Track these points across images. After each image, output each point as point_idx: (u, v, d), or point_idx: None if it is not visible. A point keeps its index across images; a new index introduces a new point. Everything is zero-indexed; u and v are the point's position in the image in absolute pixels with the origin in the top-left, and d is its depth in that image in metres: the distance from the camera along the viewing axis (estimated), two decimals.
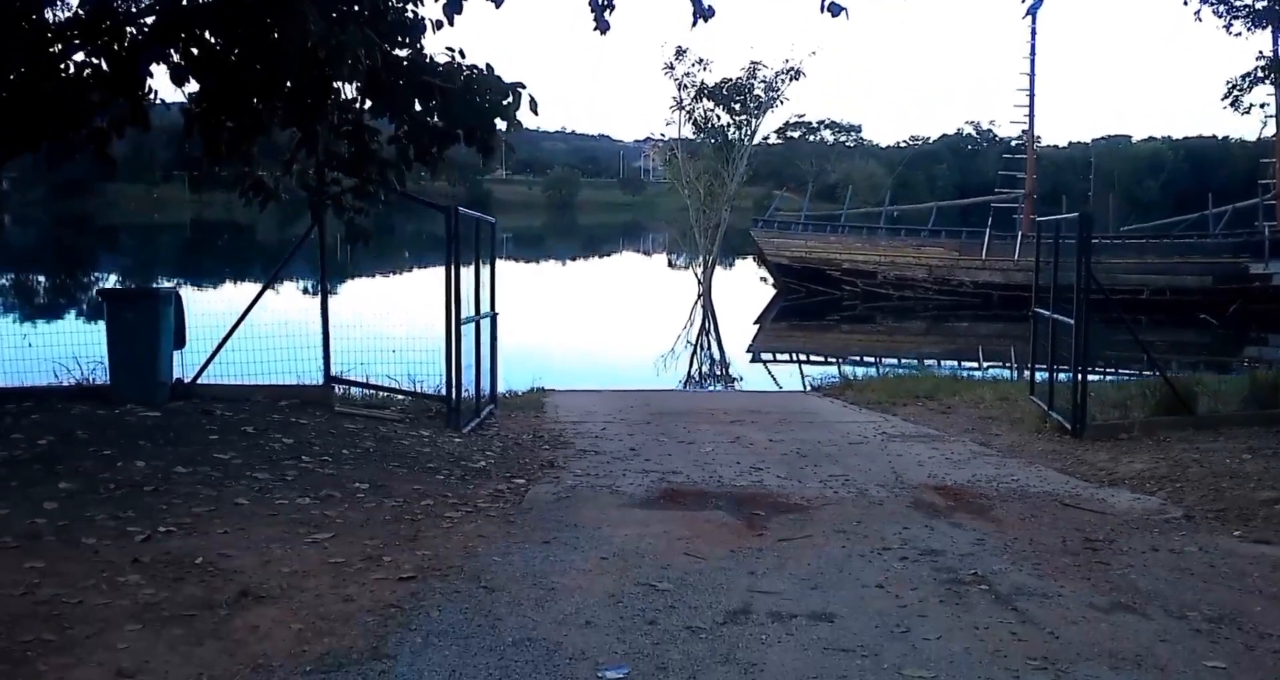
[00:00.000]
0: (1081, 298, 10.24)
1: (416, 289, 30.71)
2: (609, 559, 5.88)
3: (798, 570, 5.67)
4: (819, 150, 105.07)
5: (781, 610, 5.03)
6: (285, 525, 6.38)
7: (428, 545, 6.11)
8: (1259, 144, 55.40)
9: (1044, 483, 8.12)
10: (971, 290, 34.93)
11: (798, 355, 27.09)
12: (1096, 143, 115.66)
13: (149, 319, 10.03)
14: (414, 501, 7.13)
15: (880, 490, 7.78)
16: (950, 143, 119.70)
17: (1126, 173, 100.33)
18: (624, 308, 34.73)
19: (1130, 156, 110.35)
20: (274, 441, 8.57)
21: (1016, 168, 40.71)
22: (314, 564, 5.68)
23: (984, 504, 7.29)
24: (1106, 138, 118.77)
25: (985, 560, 5.85)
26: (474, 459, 8.83)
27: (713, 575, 5.58)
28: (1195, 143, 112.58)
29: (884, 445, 10.04)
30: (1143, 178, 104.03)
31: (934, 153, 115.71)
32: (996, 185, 41.52)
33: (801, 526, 6.63)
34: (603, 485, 7.93)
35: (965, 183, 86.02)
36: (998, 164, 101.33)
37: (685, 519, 6.82)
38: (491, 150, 8.90)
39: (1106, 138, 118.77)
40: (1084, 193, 69.87)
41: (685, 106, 36.10)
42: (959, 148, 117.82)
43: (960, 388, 14.40)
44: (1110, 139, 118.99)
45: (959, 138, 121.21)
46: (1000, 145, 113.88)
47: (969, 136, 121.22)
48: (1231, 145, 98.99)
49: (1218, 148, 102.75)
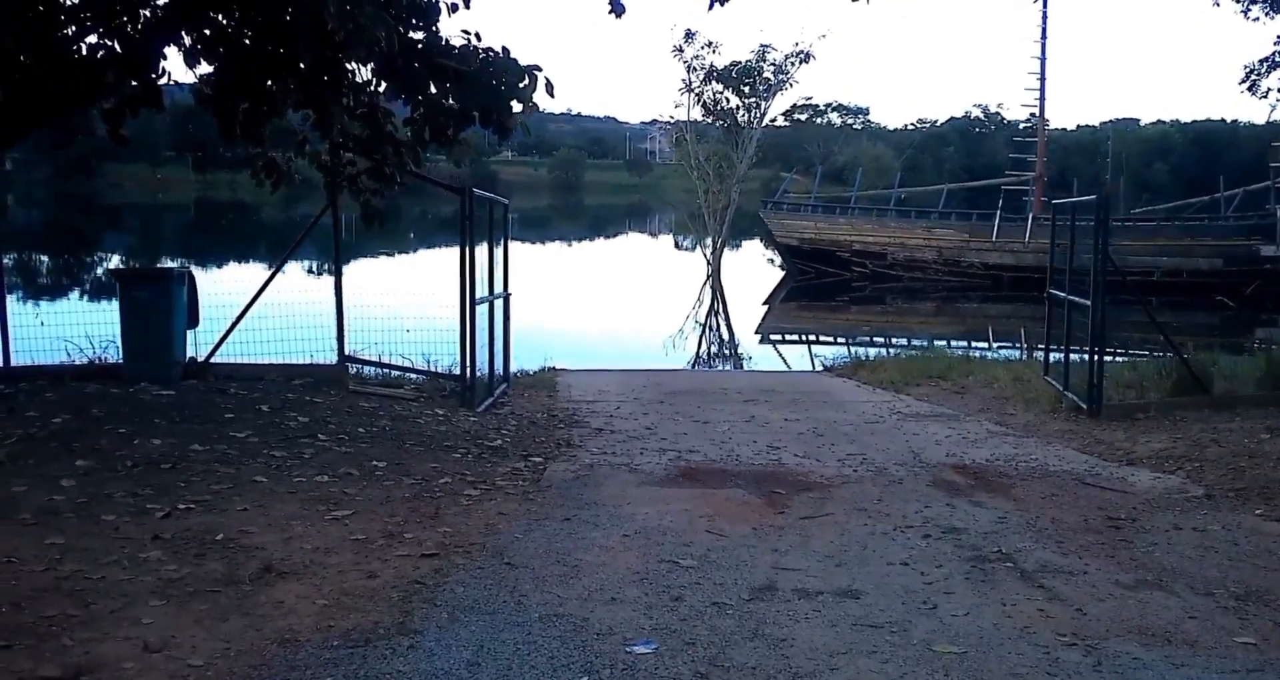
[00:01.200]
0: (1099, 279, 10.17)
1: (424, 270, 30.75)
2: (631, 536, 5.86)
3: (821, 548, 5.64)
4: (826, 133, 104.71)
5: (807, 587, 5.00)
6: (305, 503, 6.36)
7: (449, 522, 6.09)
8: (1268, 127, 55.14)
9: (1063, 462, 8.08)
10: (981, 272, 34.84)
11: (807, 336, 27.02)
12: (1105, 126, 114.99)
13: (162, 298, 10.01)
14: (432, 480, 7.11)
15: (899, 469, 7.75)
16: (958, 126, 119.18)
17: (1135, 156, 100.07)
18: (633, 289, 34.66)
19: (1139, 139, 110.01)
20: (289, 420, 8.56)
21: (1027, 150, 40.49)
22: (336, 540, 5.66)
23: (1004, 482, 7.26)
24: (1115, 121, 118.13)
25: (1009, 538, 5.82)
26: (490, 438, 8.81)
27: (736, 552, 5.55)
28: (1204, 126, 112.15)
29: (900, 424, 10.01)
30: (1151, 160, 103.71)
31: (941, 136, 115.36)
32: (1005, 168, 41.33)
33: (822, 504, 6.60)
34: (621, 464, 7.91)
35: (973, 166, 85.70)
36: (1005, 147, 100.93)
37: (705, 497, 6.79)
38: (508, 132, 8.84)
39: (1115, 121, 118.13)
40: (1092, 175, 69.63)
41: (694, 89, 35.94)
42: (967, 131, 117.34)
43: (973, 368, 14.35)
44: (1119, 122, 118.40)
45: (967, 121, 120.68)
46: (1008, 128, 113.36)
47: (977, 119, 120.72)
48: (1241, 129, 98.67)
49: (1227, 131, 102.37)
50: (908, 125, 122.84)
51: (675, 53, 35.86)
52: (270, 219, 56.07)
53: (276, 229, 48.79)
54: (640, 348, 21.50)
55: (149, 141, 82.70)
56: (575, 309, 25.99)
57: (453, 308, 10.27)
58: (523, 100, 8.31)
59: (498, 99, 8.37)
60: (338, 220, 10.20)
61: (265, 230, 52.56)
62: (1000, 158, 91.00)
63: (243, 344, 10.65)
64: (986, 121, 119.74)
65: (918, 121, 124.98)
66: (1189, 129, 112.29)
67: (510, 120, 8.61)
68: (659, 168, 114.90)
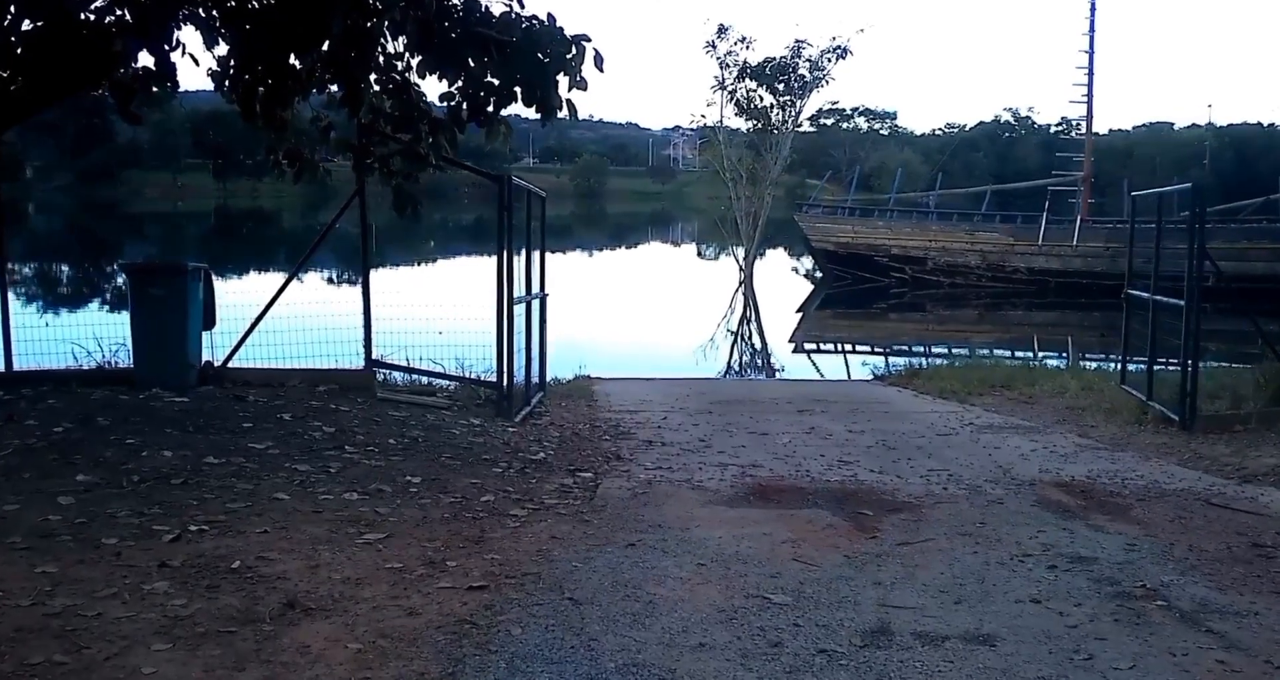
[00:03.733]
0: (1194, 278, 9.34)
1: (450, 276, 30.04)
2: (707, 565, 5.07)
3: (931, 580, 4.84)
4: (853, 138, 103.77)
5: (928, 630, 4.21)
6: (332, 524, 5.62)
7: (495, 548, 5.33)
8: None
9: (1174, 479, 7.24)
10: (1026, 277, 33.67)
11: (843, 345, 26.13)
12: (1138, 130, 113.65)
13: (176, 296, 9.32)
14: (473, 497, 6.35)
15: (993, 487, 6.93)
16: (987, 130, 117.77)
17: (1169, 160, 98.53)
18: (662, 297, 33.83)
19: (1173, 144, 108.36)
20: (313, 430, 7.82)
21: (1072, 149, 39.36)
22: (368, 569, 4.91)
23: (1119, 503, 6.43)
24: (1148, 125, 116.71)
25: (1148, 570, 5.00)
26: (532, 450, 8.05)
27: (833, 585, 4.76)
28: (1240, 130, 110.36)
29: (976, 437, 9.19)
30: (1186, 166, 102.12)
31: (971, 141, 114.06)
32: (1036, 172, 40.25)
33: (918, 528, 5.79)
34: (680, 480, 7.13)
35: (1003, 171, 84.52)
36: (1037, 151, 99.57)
37: (783, 519, 6.00)
38: (552, 111, 8.05)
39: (1148, 125, 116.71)
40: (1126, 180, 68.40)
41: (727, 86, 34.95)
42: (996, 136, 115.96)
43: (1038, 377, 13.48)
44: (1152, 126, 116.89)
45: (996, 125, 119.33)
46: (1039, 132, 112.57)
47: (1007, 124, 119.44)
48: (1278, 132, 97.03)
49: (1263, 135, 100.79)
50: (935, 130, 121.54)
51: (708, 49, 34.84)
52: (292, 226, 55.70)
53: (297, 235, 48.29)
54: (673, 356, 20.76)
55: (170, 148, 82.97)
56: (605, 317, 25.22)
57: (482, 314, 9.56)
58: (570, 74, 7.55)
59: (542, 73, 7.61)
60: (364, 206, 9.41)
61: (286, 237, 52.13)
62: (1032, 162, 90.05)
63: (263, 348, 9.95)
64: (1017, 125, 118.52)
65: (946, 126, 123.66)
66: (1224, 133, 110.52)
67: (554, 97, 7.85)
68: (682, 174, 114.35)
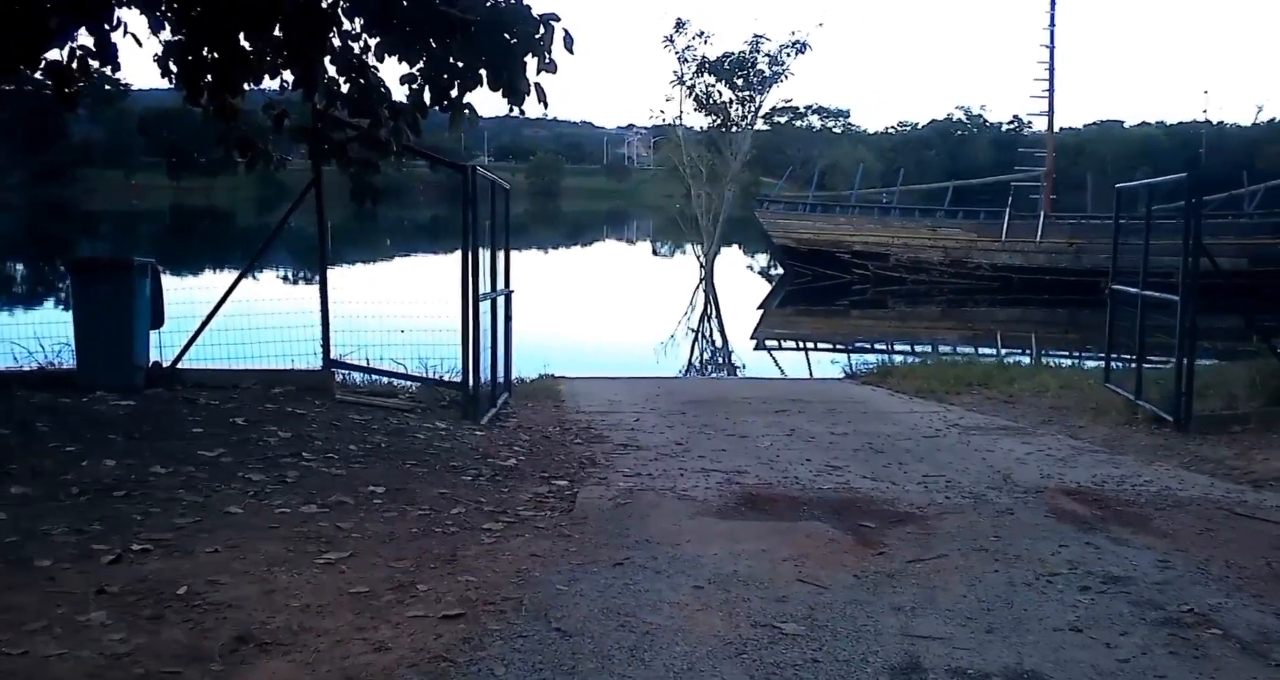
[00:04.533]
0: (1190, 271, 9.04)
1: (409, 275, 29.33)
2: (705, 588, 4.62)
3: (955, 604, 4.42)
4: (806, 136, 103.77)
5: (963, 666, 3.78)
6: (290, 541, 5.11)
7: (470, 568, 4.85)
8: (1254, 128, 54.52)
9: (1186, 486, 6.89)
10: (990, 273, 33.52)
11: (805, 343, 25.80)
12: (1089, 127, 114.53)
13: (122, 293, 8.74)
14: (443, 509, 5.87)
15: (997, 495, 6.54)
16: (940, 128, 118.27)
17: (1119, 157, 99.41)
18: (624, 294, 33.36)
19: (1122, 141, 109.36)
20: (269, 435, 7.28)
21: (1028, 146, 39.38)
22: (331, 595, 4.41)
23: (1137, 513, 6.05)
24: (1098, 123, 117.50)
25: (1190, 591, 4.61)
26: (502, 456, 7.57)
27: (847, 611, 4.33)
28: (1188, 128, 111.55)
29: (964, 439, 8.83)
30: (1136, 162, 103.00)
31: (924, 138, 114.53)
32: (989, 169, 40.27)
33: (928, 543, 5.38)
34: (663, 488, 6.68)
35: (955, 168, 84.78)
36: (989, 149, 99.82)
37: (780, 532, 5.56)
38: (519, 94, 7.54)
39: (1098, 123, 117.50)
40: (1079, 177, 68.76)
41: (686, 81, 34.60)
42: (949, 133, 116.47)
43: (1016, 375, 13.19)
44: (1102, 124, 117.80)
45: (949, 123, 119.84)
46: (991, 130, 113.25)
47: (959, 122, 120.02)
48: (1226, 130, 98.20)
49: (1212, 133, 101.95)
50: (888, 128, 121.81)
51: (666, 44, 34.54)
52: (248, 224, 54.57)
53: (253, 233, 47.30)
54: (635, 354, 20.38)
55: (124, 147, 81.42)
56: (566, 315, 24.70)
57: (444, 311, 9.06)
58: (538, 53, 7.06)
59: (508, 55, 7.13)
60: (321, 198, 8.85)
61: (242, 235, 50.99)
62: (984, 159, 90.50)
63: (217, 347, 9.38)
64: (969, 123, 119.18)
65: (899, 124, 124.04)
66: (1174, 131, 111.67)
67: (521, 80, 7.36)
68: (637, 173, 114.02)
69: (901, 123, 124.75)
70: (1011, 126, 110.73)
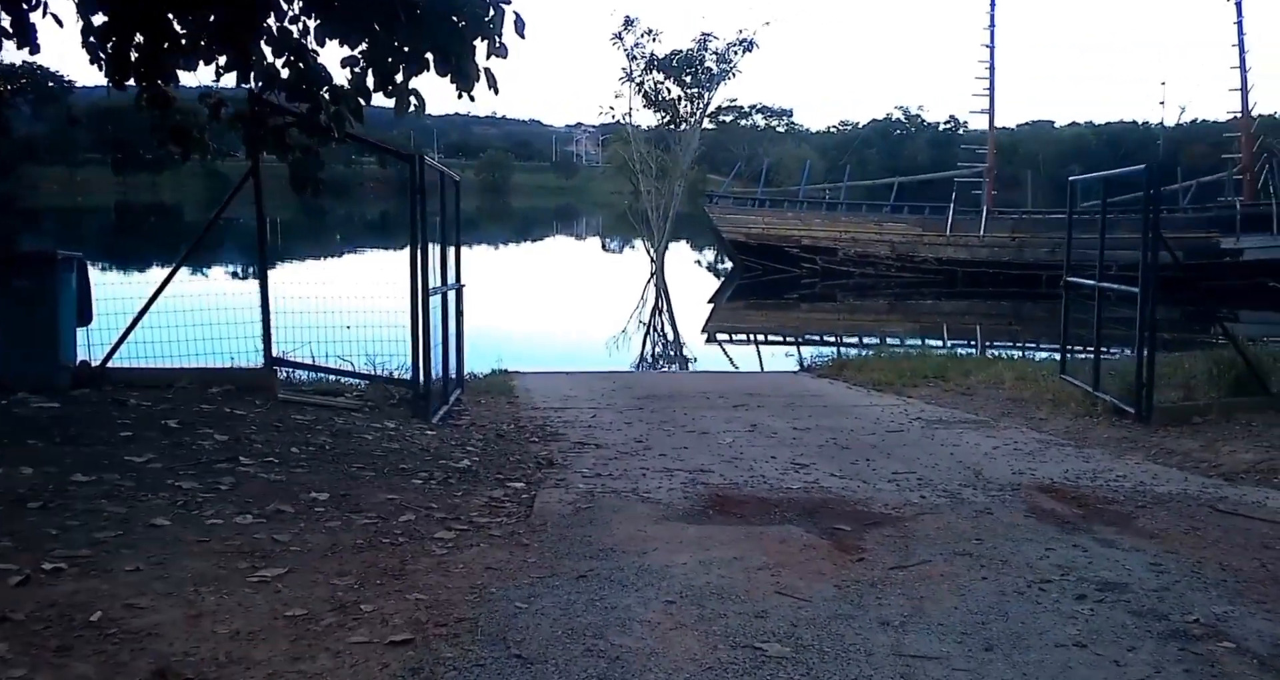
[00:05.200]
0: (1150, 263, 8.86)
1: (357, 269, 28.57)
2: (677, 602, 4.27)
3: (945, 618, 4.11)
4: (751, 135, 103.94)
5: None
6: (221, 557, 4.68)
7: (420, 584, 4.46)
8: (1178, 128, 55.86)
9: (1160, 481, 6.67)
10: (935, 267, 33.69)
11: (756, 336, 25.59)
12: (1022, 127, 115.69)
13: (45, 288, 8.26)
14: (390, 517, 5.46)
15: (972, 493, 6.27)
16: (880, 128, 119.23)
17: (1051, 157, 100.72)
18: (575, 290, 32.95)
19: (1054, 141, 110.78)
20: (204, 438, 6.82)
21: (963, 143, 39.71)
22: (264, 619, 4.00)
23: (1118, 511, 5.80)
24: (1031, 123, 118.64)
25: (1191, 598, 4.33)
26: (454, 457, 7.18)
27: (832, 627, 4.00)
28: (1117, 128, 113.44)
29: (929, 433, 8.59)
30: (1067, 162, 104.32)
31: (865, 137, 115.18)
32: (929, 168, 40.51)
33: (907, 547, 5.08)
34: (625, 490, 6.33)
35: (895, 166, 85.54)
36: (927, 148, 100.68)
37: (752, 538, 5.23)
38: (468, 79, 7.14)
39: (1031, 123, 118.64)
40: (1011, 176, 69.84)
41: (635, 78, 34.29)
42: (888, 132, 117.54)
43: (971, 367, 13.04)
44: (1034, 124, 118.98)
45: (889, 123, 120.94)
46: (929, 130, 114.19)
47: (898, 122, 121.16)
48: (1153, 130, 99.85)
49: (1138, 132, 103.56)
50: (830, 127, 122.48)
51: (614, 41, 34.21)
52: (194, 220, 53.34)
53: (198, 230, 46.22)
54: (587, 348, 20.09)
55: (68, 143, 79.56)
56: (518, 311, 24.28)
57: (393, 306, 8.66)
58: (488, 38, 6.67)
59: (457, 38, 6.73)
60: (259, 187, 8.35)
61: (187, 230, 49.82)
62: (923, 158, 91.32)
63: (154, 345, 8.87)
64: (908, 123, 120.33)
65: (840, 123, 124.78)
66: (1103, 131, 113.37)
67: (472, 65, 6.96)
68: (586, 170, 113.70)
69: (843, 122, 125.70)
70: (948, 126, 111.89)
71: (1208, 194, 33.19)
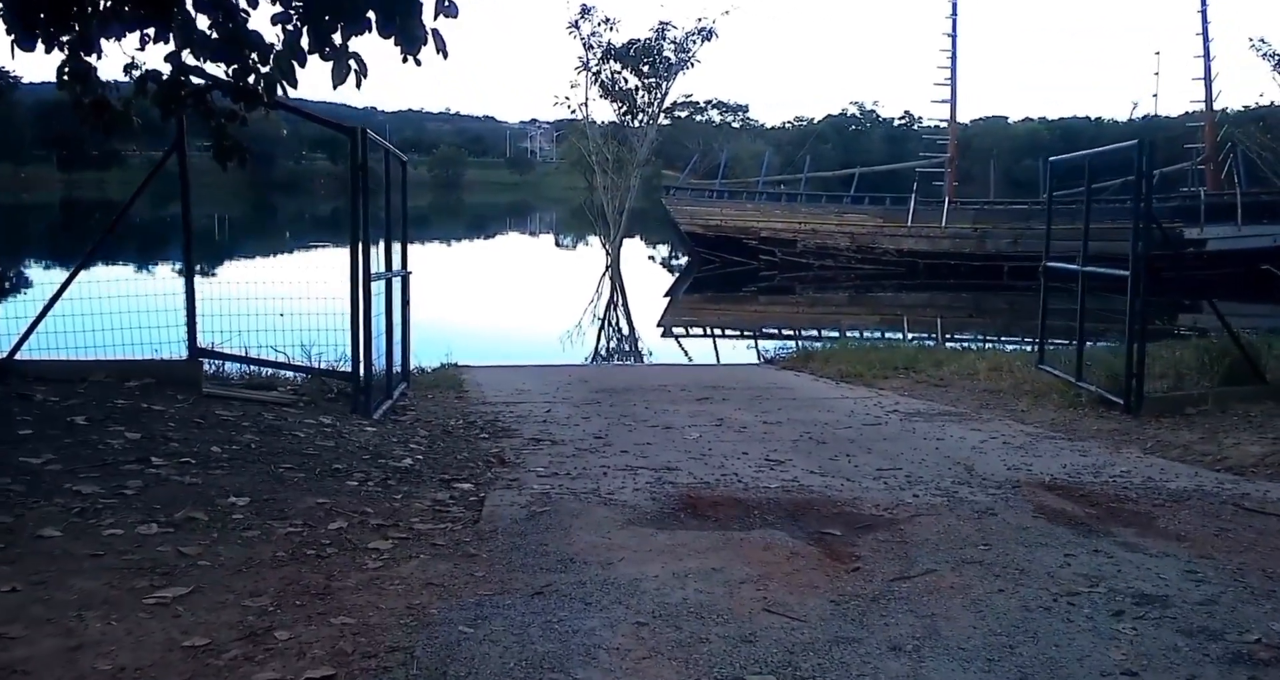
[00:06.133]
0: (1140, 247, 8.39)
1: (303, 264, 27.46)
2: (650, 624, 3.65)
3: (965, 640, 3.52)
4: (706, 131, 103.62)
5: None
6: (115, 574, 4.00)
7: (347, 604, 3.81)
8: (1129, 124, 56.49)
9: (1168, 476, 6.15)
10: (896, 258, 33.28)
11: (714, 330, 25.00)
12: (976, 123, 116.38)
13: None
14: (318, 525, 4.79)
15: (969, 491, 5.71)
16: (835, 123, 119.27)
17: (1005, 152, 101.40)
18: (529, 285, 32.17)
19: (1008, 136, 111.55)
20: (114, 437, 6.09)
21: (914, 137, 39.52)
22: (157, 651, 3.33)
23: (1136, 511, 5.25)
24: (984, 119, 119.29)
25: (1242, 612, 3.76)
26: (396, 454, 6.51)
27: (834, 654, 3.40)
28: (1070, 123, 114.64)
29: (909, 426, 8.05)
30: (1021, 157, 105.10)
31: (820, 133, 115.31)
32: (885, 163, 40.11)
33: (907, 554, 4.49)
34: (584, 491, 5.69)
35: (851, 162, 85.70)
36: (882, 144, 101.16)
37: (731, 544, 4.62)
38: (415, 41, 6.43)
39: (984, 119, 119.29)
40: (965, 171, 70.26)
41: (591, 67, 33.50)
42: (844, 128, 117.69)
43: (943, 358, 12.53)
44: (988, 120, 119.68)
45: (844, 118, 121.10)
46: (884, 126, 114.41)
47: (853, 117, 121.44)
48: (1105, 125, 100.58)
49: (1092, 128, 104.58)
50: (786, 123, 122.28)
51: (571, 30, 33.41)
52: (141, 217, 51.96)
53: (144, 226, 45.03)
54: (541, 343, 19.37)
55: (12, 140, 77.48)
56: (469, 308, 23.51)
57: (333, 292, 7.96)
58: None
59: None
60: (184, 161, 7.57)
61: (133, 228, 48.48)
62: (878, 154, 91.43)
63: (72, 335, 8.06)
64: (862, 118, 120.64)
65: (795, 119, 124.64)
66: (1056, 126, 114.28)
67: (418, 25, 6.27)
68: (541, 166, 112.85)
69: (798, 118, 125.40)
70: (903, 121, 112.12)
71: (1169, 185, 33.05)
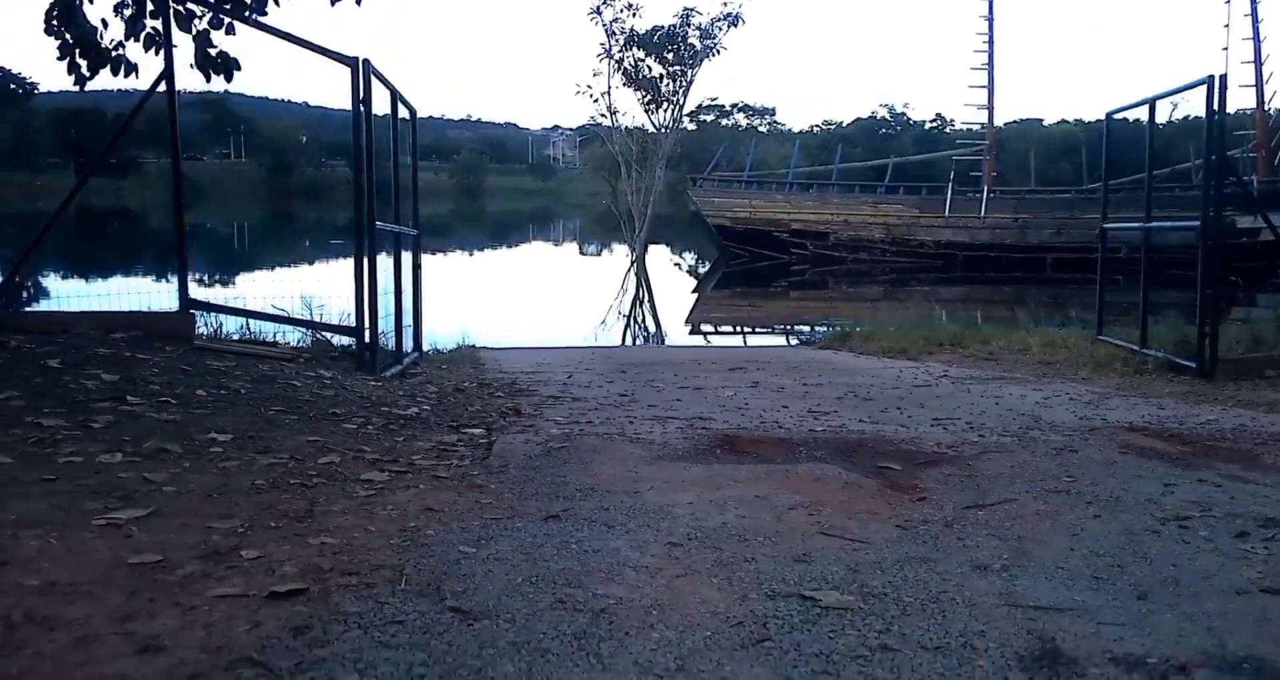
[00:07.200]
0: (1213, 188, 7.75)
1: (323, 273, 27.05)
2: (684, 545, 3.06)
3: (1064, 561, 2.91)
4: (732, 134, 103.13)
5: (1134, 652, 2.28)
6: (64, 497, 3.44)
7: (330, 526, 3.24)
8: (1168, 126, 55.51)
9: (1262, 424, 5.48)
10: (933, 251, 32.35)
11: (744, 327, 24.33)
12: (1009, 126, 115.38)
13: None
14: (308, 459, 4.23)
15: (1041, 433, 5.08)
16: (864, 126, 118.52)
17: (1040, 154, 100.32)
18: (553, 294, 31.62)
19: (1044, 138, 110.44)
20: (88, 378, 5.53)
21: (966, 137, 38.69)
22: (100, 567, 2.77)
23: (1235, 448, 4.62)
24: (1019, 121, 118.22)
25: None
26: (401, 405, 5.94)
27: (907, 572, 2.80)
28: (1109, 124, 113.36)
29: (962, 387, 7.40)
30: (1056, 159, 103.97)
31: (848, 136, 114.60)
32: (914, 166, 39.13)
33: (979, 486, 3.88)
34: (609, 433, 5.11)
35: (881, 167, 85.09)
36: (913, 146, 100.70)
37: (777, 476, 4.02)
38: None
39: (1019, 121, 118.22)
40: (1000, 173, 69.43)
41: (614, 55, 32.89)
42: (873, 131, 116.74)
43: (991, 335, 11.83)
44: (1023, 122, 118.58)
45: (873, 121, 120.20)
46: (915, 128, 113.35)
47: (883, 120, 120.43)
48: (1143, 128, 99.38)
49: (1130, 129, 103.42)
50: (814, 126, 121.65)
51: (593, 15, 32.81)
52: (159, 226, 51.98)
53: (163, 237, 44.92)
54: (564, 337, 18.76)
55: (29, 148, 77.94)
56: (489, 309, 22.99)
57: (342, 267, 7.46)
58: None
59: None
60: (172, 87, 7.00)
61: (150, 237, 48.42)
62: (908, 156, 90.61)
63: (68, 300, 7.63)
64: (892, 121, 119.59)
65: (824, 122, 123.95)
66: (1092, 128, 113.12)
67: None
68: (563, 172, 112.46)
69: (826, 121, 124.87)
70: (935, 124, 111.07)
71: None
